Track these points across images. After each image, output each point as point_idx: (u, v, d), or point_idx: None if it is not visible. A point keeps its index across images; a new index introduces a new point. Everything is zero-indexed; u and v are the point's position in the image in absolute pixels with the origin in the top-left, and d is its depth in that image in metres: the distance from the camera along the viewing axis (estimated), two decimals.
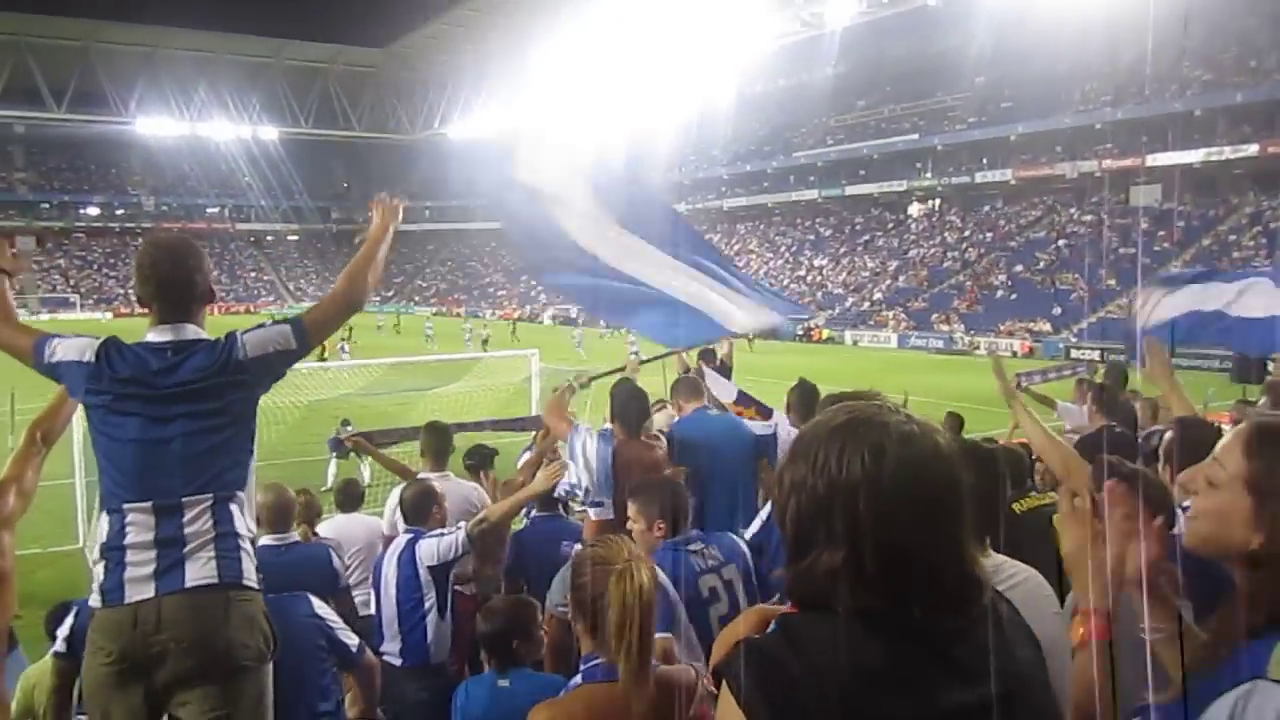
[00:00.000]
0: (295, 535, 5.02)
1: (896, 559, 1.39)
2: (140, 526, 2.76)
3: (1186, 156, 49.34)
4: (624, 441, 5.09)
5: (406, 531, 4.74)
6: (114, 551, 2.75)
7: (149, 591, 2.71)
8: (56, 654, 4.03)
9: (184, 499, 2.79)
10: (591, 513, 5.09)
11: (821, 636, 1.39)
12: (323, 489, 14.65)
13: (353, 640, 4.01)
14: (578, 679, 2.72)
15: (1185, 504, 1.96)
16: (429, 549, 4.54)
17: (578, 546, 2.91)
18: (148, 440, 2.81)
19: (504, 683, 3.39)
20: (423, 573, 4.52)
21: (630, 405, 5.24)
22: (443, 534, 4.59)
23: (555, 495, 5.44)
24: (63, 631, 3.92)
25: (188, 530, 2.77)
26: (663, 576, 3.46)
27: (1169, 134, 49.68)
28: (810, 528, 1.44)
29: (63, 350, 2.91)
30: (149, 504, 2.77)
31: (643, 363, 6.41)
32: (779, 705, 1.37)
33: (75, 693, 4.03)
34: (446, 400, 20.89)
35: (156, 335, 2.97)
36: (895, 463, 1.40)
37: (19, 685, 4.11)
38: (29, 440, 3.54)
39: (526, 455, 7.48)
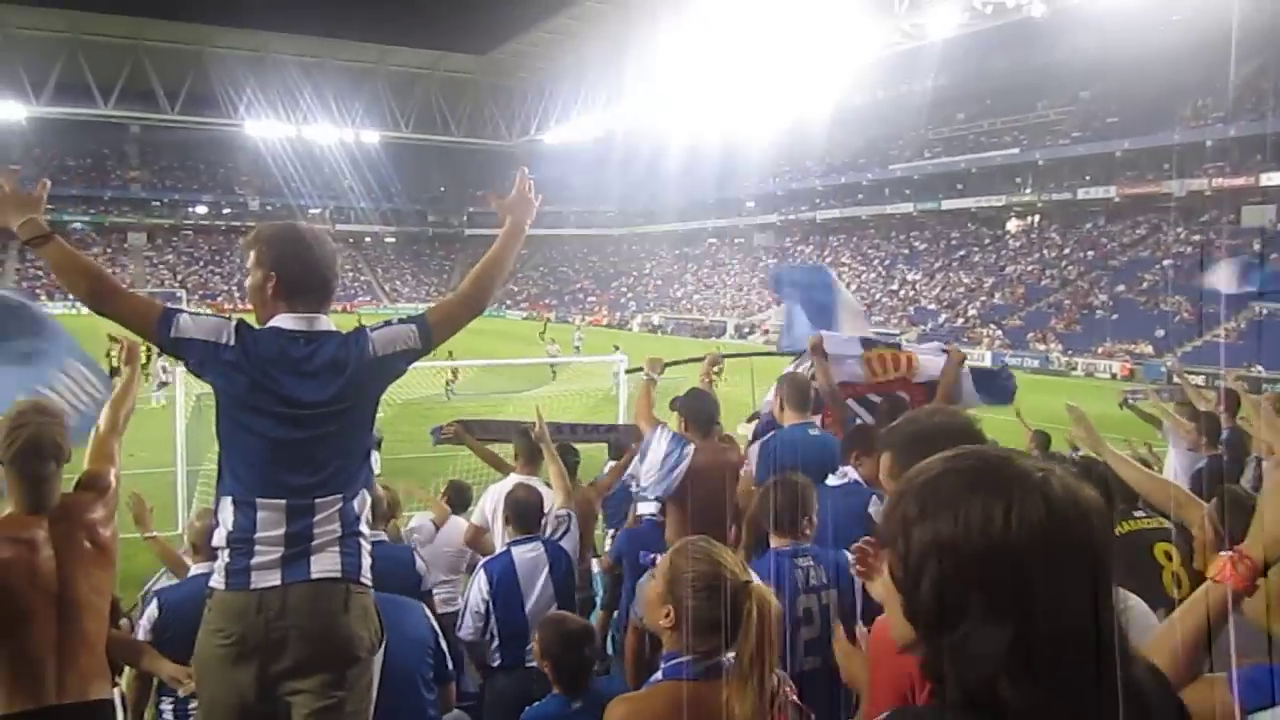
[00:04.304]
0: (382, 534, 5.07)
1: (1075, 638, 1.14)
2: (271, 523, 2.73)
3: None
4: (698, 446, 5.08)
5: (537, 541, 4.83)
6: (242, 544, 2.72)
7: (274, 579, 2.70)
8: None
9: (317, 500, 2.76)
10: (640, 507, 5.12)
11: None
12: None
13: (447, 665, 4.01)
14: (658, 675, 2.63)
15: None
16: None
17: (655, 556, 2.80)
18: (282, 437, 2.75)
19: (578, 704, 3.37)
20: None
21: (697, 408, 5.28)
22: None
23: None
24: (146, 622, 4.00)
25: (317, 530, 2.75)
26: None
27: None
28: (959, 595, 1.17)
29: (195, 328, 2.78)
30: (282, 503, 2.74)
31: (726, 357, 6.28)
32: None
33: (155, 680, 4.12)
34: (536, 403, 20.98)
35: (291, 323, 2.87)
36: (1065, 515, 1.17)
37: None
38: (112, 427, 3.56)
39: (611, 464, 7.57)
